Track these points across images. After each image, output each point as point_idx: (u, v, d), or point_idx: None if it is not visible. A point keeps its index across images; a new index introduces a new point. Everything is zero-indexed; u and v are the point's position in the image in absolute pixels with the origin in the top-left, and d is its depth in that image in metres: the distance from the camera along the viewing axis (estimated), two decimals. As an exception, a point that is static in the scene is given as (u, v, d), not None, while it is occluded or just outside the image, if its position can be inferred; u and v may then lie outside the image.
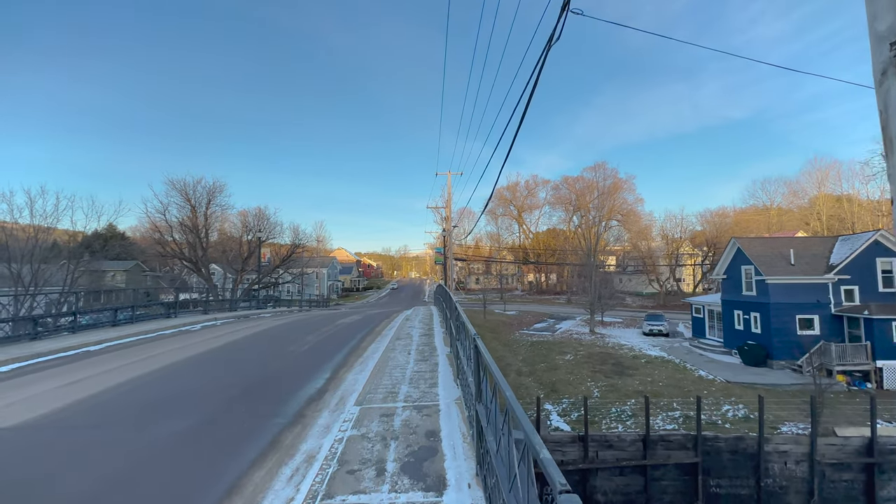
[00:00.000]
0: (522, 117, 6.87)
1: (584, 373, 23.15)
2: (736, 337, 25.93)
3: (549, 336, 33.94)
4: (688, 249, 62.41)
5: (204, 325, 17.97)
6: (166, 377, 8.55)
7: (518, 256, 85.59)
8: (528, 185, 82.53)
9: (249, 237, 45.33)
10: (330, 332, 15.18)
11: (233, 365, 9.79)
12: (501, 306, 52.79)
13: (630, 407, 18.48)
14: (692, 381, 21.42)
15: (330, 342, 13.02)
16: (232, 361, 10.13)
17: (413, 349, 10.61)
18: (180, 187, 38.36)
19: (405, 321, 18.23)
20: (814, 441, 15.46)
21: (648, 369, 23.34)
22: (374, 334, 14.68)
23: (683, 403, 18.78)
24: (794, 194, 71.28)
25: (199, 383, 8.18)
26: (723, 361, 24.84)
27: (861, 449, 15.54)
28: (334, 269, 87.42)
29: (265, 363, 9.93)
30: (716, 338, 28.85)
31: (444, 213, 52.47)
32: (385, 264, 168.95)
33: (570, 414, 18.05)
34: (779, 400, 19.32)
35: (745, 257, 24.99)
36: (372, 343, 12.52)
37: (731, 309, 26.47)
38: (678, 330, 36.84)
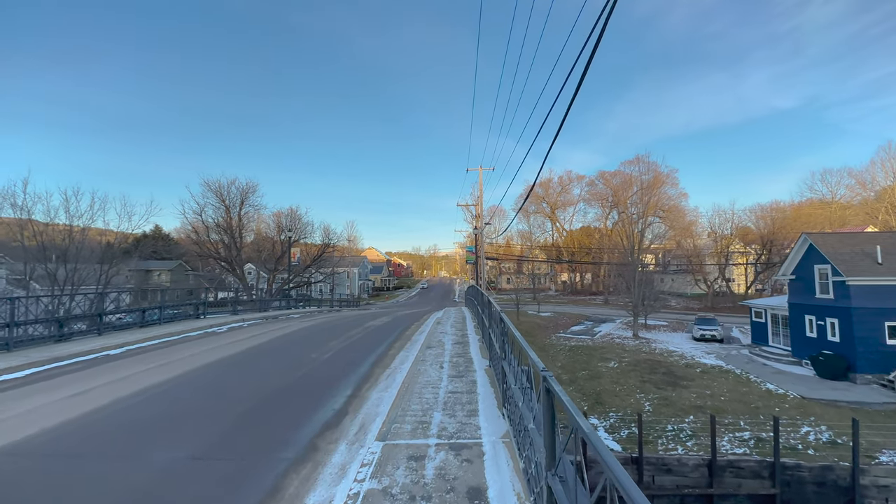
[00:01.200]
0: (566, 114, 6.26)
1: (631, 383, 21.08)
2: (807, 345, 22.94)
3: (589, 340, 31.78)
4: (739, 247, 57.71)
5: (231, 326, 17.50)
6: (175, 389, 7.70)
7: (551, 255, 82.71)
8: (561, 180, 79.59)
9: (282, 237, 45.87)
10: (356, 337, 14.16)
11: (249, 374, 8.86)
12: (535, 307, 50.71)
13: (689, 425, 16.38)
14: (759, 395, 18.92)
15: (355, 349, 11.96)
16: (249, 370, 9.21)
17: (446, 361, 9.30)
18: (215, 188, 39.13)
19: (436, 325, 17.00)
20: (923, 475, 12.93)
21: (705, 380, 20.95)
22: (402, 340, 13.53)
23: (753, 422, 16.46)
24: (863, 185, 64.57)
25: (206, 399, 7.25)
26: (792, 373, 22.00)
27: None
28: (365, 269, 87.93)
29: (283, 373, 8.94)
30: (781, 345, 25.81)
31: (475, 211, 51.03)
32: (415, 264, 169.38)
33: (620, 431, 16.19)
34: (871, 422, 16.59)
35: (819, 255, 22.00)
36: (400, 351, 11.34)
37: (802, 313, 23.46)
38: (733, 335, 33.64)
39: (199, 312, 19.20)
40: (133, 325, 15.26)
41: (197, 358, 10.32)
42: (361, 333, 15.20)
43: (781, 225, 51.69)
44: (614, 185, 69.31)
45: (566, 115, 6.27)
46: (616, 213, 70.42)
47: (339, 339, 13.59)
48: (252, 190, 40.72)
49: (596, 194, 76.01)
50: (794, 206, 60.25)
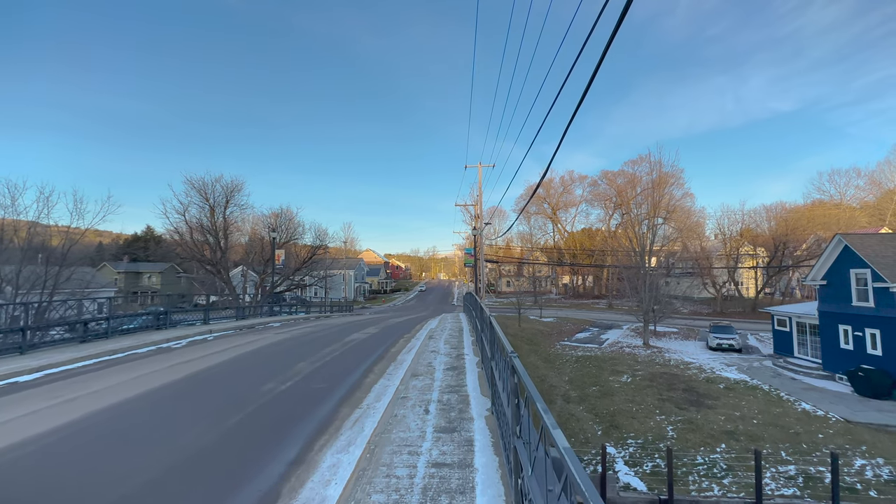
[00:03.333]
0: (571, 119, 5.90)
1: (648, 401, 18.82)
2: (842, 358, 20.71)
3: (597, 349, 29.51)
4: (748, 250, 55.51)
5: (194, 339, 15.24)
6: (30, 457, 5.43)
7: (552, 257, 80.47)
8: (563, 181, 77.42)
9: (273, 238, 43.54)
10: (331, 357, 11.88)
11: (155, 429, 6.54)
12: (537, 312, 48.43)
13: (722, 456, 14.12)
14: (796, 417, 16.66)
15: (324, 375, 9.70)
16: (160, 420, 6.90)
17: (433, 401, 7.04)
18: (199, 186, 36.83)
19: (428, 339, 14.71)
20: None
21: (732, 399, 18.69)
22: (385, 360, 11.27)
23: (795, 452, 14.21)
24: (876, 184, 62.57)
25: (74, 473, 4.97)
26: (827, 390, 19.76)
27: None
28: (361, 271, 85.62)
29: (204, 427, 6.64)
30: (809, 357, 23.57)
31: (474, 212, 48.80)
32: (413, 265, 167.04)
33: (643, 463, 13.92)
34: (931, 452, 14.37)
35: (856, 258, 19.79)
36: (379, 379, 9.07)
37: (835, 323, 21.23)
38: (750, 344, 31.39)
39: (161, 323, 16.91)
40: (72, 341, 13.00)
41: (114, 392, 8.05)
42: (339, 351, 12.92)
43: (794, 226, 49.50)
44: (618, 185, 67.19)
45: (571, 119, 5.90)
46: (620, 214, 68.26)
47: (310, 360, 11.31)
48: (238, 188, 38.49)
49: (599, 195, 73.94)
50: (807, 207, 58.12)
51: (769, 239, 51.35)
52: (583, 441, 15.49)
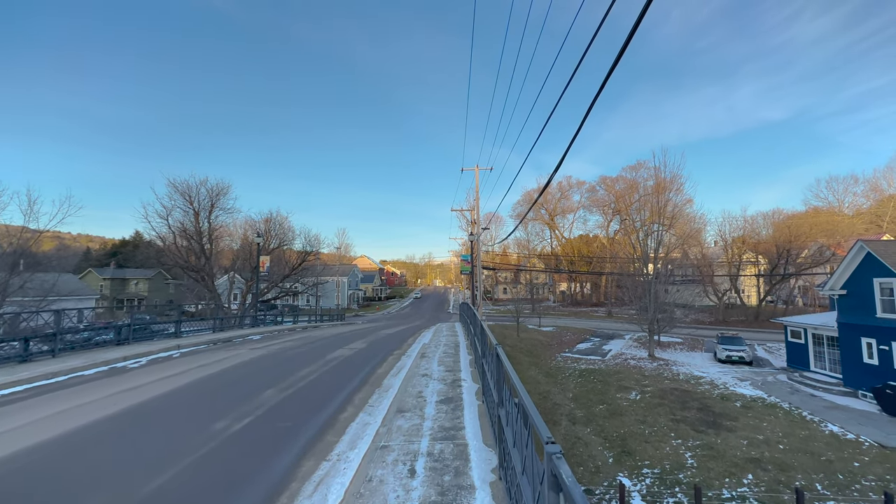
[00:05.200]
0: (578, 129, 6.06)
1: (661, 422, 17.27)
2: (866, 374, 19.31)
3: (600, 362, 27.96)
4: (750, 256, 54.44)
5: (156, 357, 13.55)
6: None
7: (549, 264, 79.16)
8: (561, 186, 76.35)
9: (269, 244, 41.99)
10: (306, 382, 10.25)
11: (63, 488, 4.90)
12: (536, 320, 46.89)
13: (750, 489, 12.56)
14: (825, 442, 15.16)
15: (290, 410, 8.10)
16: (73, 473, 5.26)
17: (421, 455, 5.46)
18: (183, 189, 35.11)
19: (420, 358, 13.10)
20: None
21: (751, 419, 17.18)
22: (369, 386, 9.66)
23: (833, 485, 12.69)
24: (876, 190, 62.05)
25: None
26: (852, 408, 18.32)
27: None
28: (355, 278, 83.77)
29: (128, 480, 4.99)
30: (827, 371, 22.16)
31: (470, 217, 47.39)
32: (409, 272, 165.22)
33: (663, 498, 12.32)
34: (980, 483, 12.92)
35: (881, 266, 18.48)
36: (357, 415, 7.46)
37: (857, 335, 19.86)
38: (759, 356, 29.99)
39: (122, 337, 15.18)
40: (10, 361, 11.28)
41: (11, 438, 6.39)
42: (318, 373, 11.28)
43: (796, 233, 48.51)
44: (617, 191, 66.22)
45: (577, 132, 6.10)
46: (619, 221, 67.20)
47: (281, 385, 9.68)
48: (224, 192, 36.81)
49: (597, 201, 72.94)
50: (807, 213, 57.37)
51: (771, 246, 50.29)
52: (593, 471, 13.88)
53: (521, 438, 3.17)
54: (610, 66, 4.93)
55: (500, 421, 4.61)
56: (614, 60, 4.74)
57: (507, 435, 3.93)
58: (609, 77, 4.96)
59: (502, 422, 4.42)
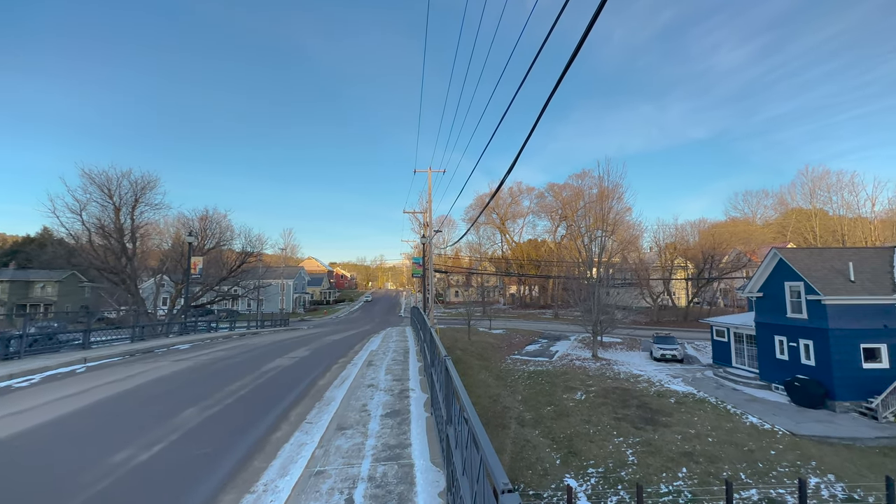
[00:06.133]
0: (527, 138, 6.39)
1: (604, 420, 17.87)
2: (778, 368, 21.38)
3: (548, 363, 28.66)
4: (680, 262, 59.09)
5: (54, 373, 11.64)
6: None
7: (500, 268, 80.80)
8: (511, 192, 78.28)
9: (209, 244, 38.57)
10: (235, 398, 9.21)
11: None
12: (487, 323, 47.38)
13: (685, 482, 13.25)
14: (747, 433, 16.46)
15: (212, 432, 7.17)
16: None
17: (362, 480, 4.92)
18: (101, 181, 31.24)
19: (367, 367, 12.39)
20: (964, 543, 10.71)
21: (684, 414, 18.30)
22: (308, 400, 8.86)
23: (754, 474, 13.72)
24: (783, 203, 70.12)
25: None
26: (767, 400, 20.16)
27: None
28: (302, 281, 79.96)
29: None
30: (746, 367, 24.30)
31: (423, 219, 46.94)
32: (359, 275, 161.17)
33: (607, 497, 12.60)
34: (869, 463, 14.62)
35: (791, 272, 20.58)
36: (291, 435, 6.72)
37: (771, 334, 21.96)
38: (689, 353, 32.37)
39: (12, 350, 12.92)
40: None
41: None
42: (251, 386, 10.22)
43: (719, 241, 53.42)
44: (564, 198, 69.09)
45: (526, 140, 6.43)
46: (565, 226, 70.13)
47: (205, 403, 8.59)
48: (151, 185, 33.31)
49: (545, 206, 75.64)
50: (726, 223, 63.39)
51: (697, 252, 54.95)
52: (541, 474, 13.95)
53: (472, 468, 2.76)
54: (558, 76, 4.99)
55: (448, 441, 4.19)
56: (561, 72, 4.87)
57: (456, 459, 3.52)
58: (557, 88, 5.11)
59: (451, 443, 3.99)
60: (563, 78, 4.97)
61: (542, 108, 5.74)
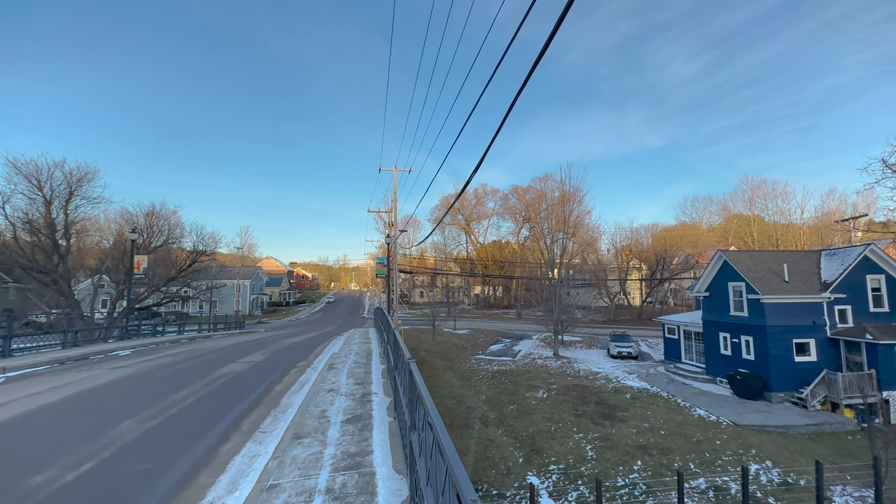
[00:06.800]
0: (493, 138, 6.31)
1: (565, 417, 18.31)
2: (722, 363, 22.86)
3: (511, 363, 29.07)
4: (635, 263, 62.06)
5: (-35, 385, 10.28)
6: None
7: (465, 268, 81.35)
8: (476, 193, 79.02)
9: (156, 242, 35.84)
10: (180, 408, 8.53)
11: None
12: (451, 323, 47.44)
13: (640, 475, 13.79)
14: (695, 425, 17.44)
15: (153, 446, 6.60)
16: None
17: (318, 493, 4.63)
18: (28, 171, 28.23)
19: (328, 370, 11.92)
20: (880, 518, 11.86)
21: (639, 409, 19.11)
22: (263, 407, 8.34)
23: (702, 463, 14.53)
24: (726, 209, 75.45)
25: None
26: (713, 393, 21.49)
27: (929, 523, 12.24)
28: (259, 281, 76.54)
29: None
30: (694, 362, 25.82)
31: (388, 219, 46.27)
32: (322, 275, 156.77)
33: (568, 493, 12.87)
34: (801, 448, 15.92)
35: (734, 273, 22.07)
36: (243, 446, 6.28)
37: (716, 331, 23.45)
38: (643, 350, 33.98)
39: (-88, 361, 11.29)
40: None
41: None
42: (201, 393, 9.51)
43: (670, 244, 56.61)
44: (527, 200, 70.60)
45: (491, 142, 6.35)
46: (528, 228, 71.68)
47: (146, 413, 7.87)
48: (89, 177, 30.46)
49: (509, 208, 76.95)
50: (677, 227, 67.31)
51: (651, 254, 57.96)
52: (504, 473, 14.03)
53: (437, 478, 2.61)
54: (523, 80, 4.97)
55: (412, 447, 4.01)
56: (526, 77, 4.92)
57: (420, 467, 3.34)
58: (521, 91, 5.18)
59: (414, 450, 3.81)
60: (528, 82, 5.04)
61: (507, 110, 5.84)
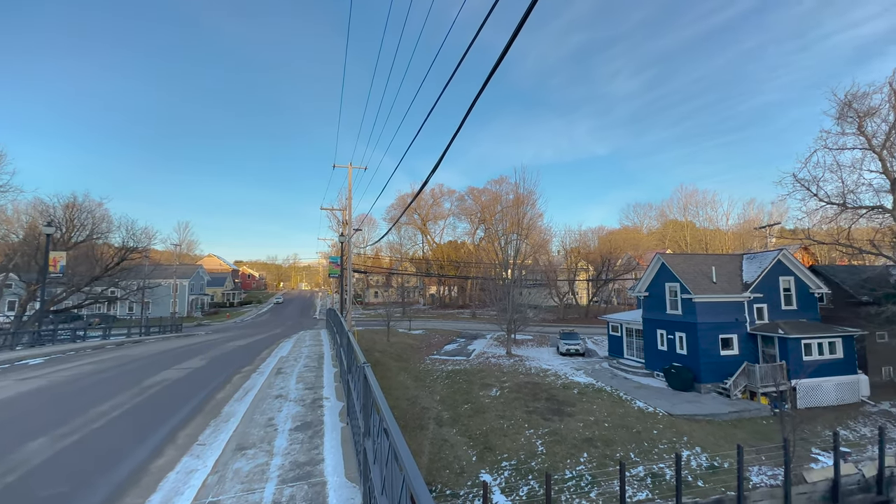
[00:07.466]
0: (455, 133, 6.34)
1: (517, 414, 18.80)
2: (659, 358, 24.61)
3: (465, 362, 29.38)
4: (582, 264, 65.22)
5: None
6: None
7: (421, 268, 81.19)
8: (433, 193, 79.16)
9: (79, 237, 32.10)
10: (102, 423, 7.70)
11: None
12: (406, 323, 47.10)
13: (586, 466, 14.47)
14: (635, 416, 18.60)
15: (68, 470, 5.93)
16: None
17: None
18: (-87, 152, 24.26)
19: (276, 375, 11.32)
20: (788, 493, 13.30)
21: (586, 404, 20.07)
22: (202, 417, 7.73)
23: (641, 452, 15.52)
24: (663, 215, 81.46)
25: None
26: (651, 386, 23.07)
27: (826, 494, 13.93)
28: (200, 280, 71.43)
29: None
30: (635, 358, 27.58)
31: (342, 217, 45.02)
32: (270, 274, 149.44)
33: (519, 488, 13.20)
34: (725, 434, 17.51)
35: (670, 274, 23.85)
36: (178, 461, 5.78)
37: (654, 328, 25.21)
38: (589, 347, 35.76)
39: None
40: None
41: None
42: (126, 406, 8.63)
43: (614, 246, 60.16)
44: (483, 202, 71.82)
45: (452, 139, 6.41)
46: (483, 229, 72.93)
47: (61, 431, 7.01)
48: (-7, 161, 26.85)
49: (465, 209, 77.89)
50: (620, 231, 71.66)
51: (597, 256, 61.23)
52: (458, 472, 14.13)
53: (392, 488, 2.53)
54: (482, 83, 5.00)
55: (366, 454, 3.88)
56: (485, 80, 4.93)
57: (375, 475, 3.24)
58: (480, 94, 5.21)
59: (369, 457, 3.69)
60: (486, 86, 5.08)
61: (466, 112, 5.78)
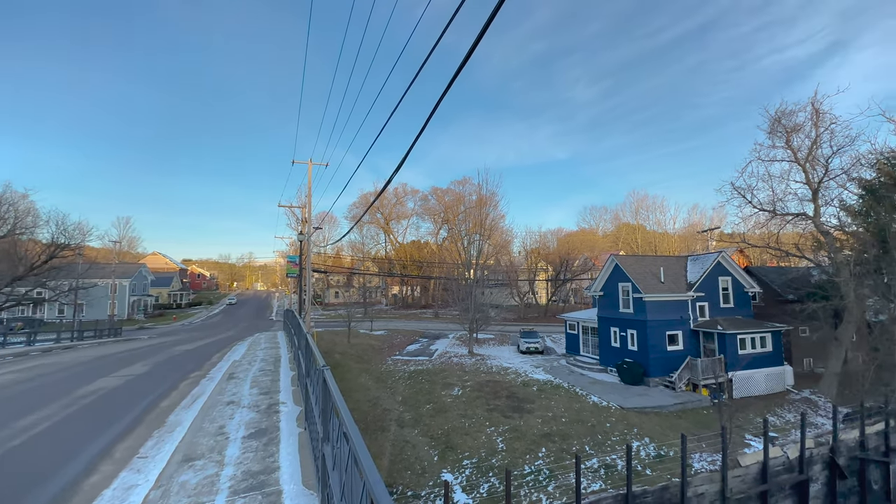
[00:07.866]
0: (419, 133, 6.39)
1: (479, 413, 19.04)
2: (612, 354, 25.84)
3: (428, 362, 29.36)
4: (542, 265, 67.18)
5: None
6: None
7: (383, 268, 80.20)
8: (396, 192, 78.45)
9: None
10: (25, 439, 6.98)
11: None
12: (368, 324, 46.34)
13: (544, 461, 14.90)
14: (590, 410, 19.42)
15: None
16: None
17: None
18: None
19: (227, 381, 10.73)
20: (725, 477, 14.40)
21: (544, 400, 20.68)
22: (144, 428, 7.19)
23: (595, 445, 16.22)
24: (617, 218, 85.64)
25: None
26: (605, 381, 24.18)
27: (757, 476, 15.23)
28: (143, 280, 66.45)
29: None
30: (590, 354, 28.77)
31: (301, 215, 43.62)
32: (223, 274, 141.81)
33: (479, 486, 13.37)
34: (671, 424, 18.68)
35: (623, 274, 25.10)
36: (115, 477, 5.35)
37: (608, 326, 26.44)
38: (548, 345, 36.89)
39: None
40: None
41: None
42: (55, 419, 7.86)
43: (572, 248, 62.49)
44: (446, 202, 72.10)
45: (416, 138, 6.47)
46: (446, 229, 73.25)
47: (-26, 449, 6.25)
48: None
49: (429, 209, 77.84)
50: (578, 233, 74.55)
51: (556, 257, 63.33)
52: (419, 472, 14.09)
53: (352, 495, 2.48)
54: (447, 82, 5.01)
55: (324, 460, 3.76)
56: (449, 81, 4.91)
57: (334, 481, 3.15)
58: (445, 94, 5.21)
59: (327, 462, 3.58)
60: (451, 86, 5.09)
61: (431, 112, 5.79)
